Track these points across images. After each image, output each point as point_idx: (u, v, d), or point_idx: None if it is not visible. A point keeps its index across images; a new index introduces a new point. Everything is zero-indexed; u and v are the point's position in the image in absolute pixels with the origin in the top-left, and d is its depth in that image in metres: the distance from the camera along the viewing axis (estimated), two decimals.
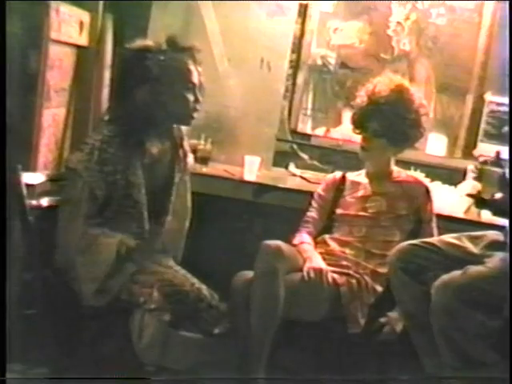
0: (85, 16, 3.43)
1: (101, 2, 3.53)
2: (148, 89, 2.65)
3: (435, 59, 4.26)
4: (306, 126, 4.30)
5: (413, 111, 3.14)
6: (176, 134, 2.87)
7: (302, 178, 3.83)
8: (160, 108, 2.70)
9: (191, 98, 2.74)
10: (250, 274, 2.87)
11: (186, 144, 2.94)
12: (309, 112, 4.33)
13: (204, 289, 2.72)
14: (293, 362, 3.16)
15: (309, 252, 3.05)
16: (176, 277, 2.66)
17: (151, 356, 2.55)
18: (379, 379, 2.87)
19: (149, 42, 2.75)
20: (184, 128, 2.92)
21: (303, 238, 3.16)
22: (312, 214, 3.25)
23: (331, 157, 4.05)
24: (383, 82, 3.19)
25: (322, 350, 3.02)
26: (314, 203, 3.27)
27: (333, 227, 3.23)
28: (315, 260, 2.98)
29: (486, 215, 3.26)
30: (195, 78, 2.75)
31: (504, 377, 2.41)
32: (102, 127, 2.73)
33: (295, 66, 4.10)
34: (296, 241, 3.14)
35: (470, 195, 2.76)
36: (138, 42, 2.74)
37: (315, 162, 4.07)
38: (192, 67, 2.75)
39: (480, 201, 2.71)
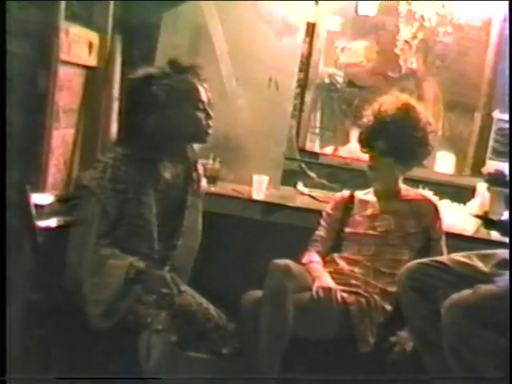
0: (94, 37, 3.46)
1: (110, 23, 3.55)
2: (158, 116, 2.67)
3: (443, 77, 4.28)
4: (314, 145, 4.33)
5: (420, 129, 3.14)
6: (190, 155, 2.87)
7: (310, 196, 3.84)
8: (172, 132, 2.71)
9: (202, 115, 2.74)
10: (258, 293, 2.86)
11: (200, 168, 2.95)
12: (317, 130, 4.35)
13: (212, 309, 2.71)
14: (302, 382, 3.15)
15: (318, 271, 3.04)
16: (183, 297, 2.65)
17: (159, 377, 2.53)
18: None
19: (151, 69, 2.77)
20: (197, 150, 2.92)
21: (312, 257, 3.15)
22: (321, 232, 3.24)
23: (339, 175, 4.05)
24: (389, 101, 3.19)
25: (331, 370, 2.99)
26: (322, 222, 3.27)
27: (341, 246, 3.22)
28: (324, 279, 2.97)
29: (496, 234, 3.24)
30: (203, 96, 2.76)
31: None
32: (116, 146, 2.76)
33: (303, 84, 4.13)
34: (305, 260, 3.14)
35: (477, 216, 2.74)
36: (141, 71, 2.75)
37: (323, 181, 4.07)
38: (198, 85, 2.76)
39: (488, 222, 2.69)
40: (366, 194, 3.30)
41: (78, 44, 3.27)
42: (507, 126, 4.03)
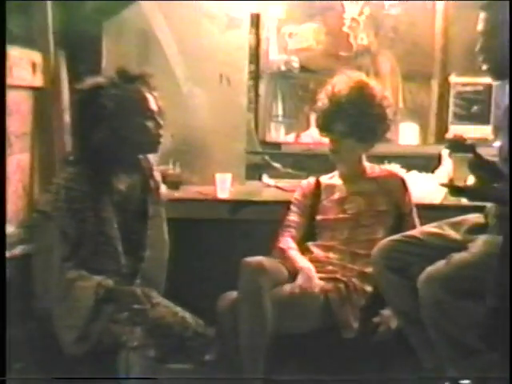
0: (36, 56, 3.37)
1: (51, 41, 3.48)
2: (106, 126, 2.60)
3: (397, 49, 4.29)
4: (278, 134, 4.30)
5: (376, 105, 3.11)
6: (144, 165, 2.82)
7: (277, 187, 3.79)
8: (122, 142, 2.65)
9: (152, 125, 2.69)
10: (234, 294, 2.81)
11: (157, 174, 2.89)
12: (280, 119, 4.32)
13: (188, 317, 2.65)
14: (291, 376, 3.12)
15: (298, 261, 2.99)
16: (157, 310, 2.60)
17: None
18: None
19: (99, 79, 2.70)
20: (152, 158, 2.87)
21: (288, 243, 3.10)
22: (293, 217, 3.19)
23: (304, 162, 4.01)
24: (342, 81, 3.15)
25: (319, 360, 2.97)
26: (293, 207, 3.22)
27: (315, 234, 3.18)
28: (307, 272, 2.92)
29: None
30: (152, 105, 2.71)
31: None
32: (68, 166, 2.69)
33: (255, 76, 4.09)
34: (282, 244, 3.09)
35: (443, 185, 2.71)
36: (88, 81, 2.69)
37: (289, 170, 4.03)
38: (147, 94, 2.70)
39: (453, 189, 2.66)
40: (332, 178, 3.26)
41: (19, 66, 3.19)
42: (465, 88, 4.02)
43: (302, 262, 2.99)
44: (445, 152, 3.39)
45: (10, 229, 2.87)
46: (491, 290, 2.48)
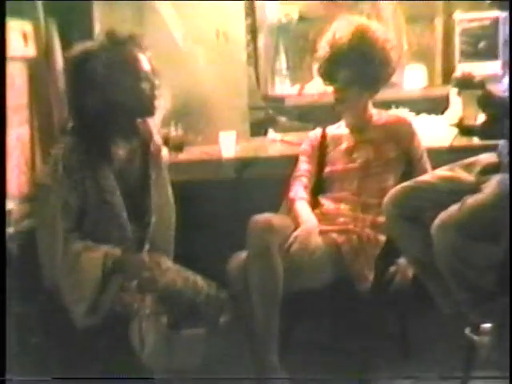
0: (27, 26, 3.31)
1: (40, 10, 3.39)
2: (99, 91, 2.53)
3: None
4: (280, 87, 4.20)
5: (379, 49, 3.01)
6: (143, 129, 2.74)
7: (283, 142, 3.70)
8: (117, 107, 2.57)
9: (146, 86, 2.60)
10: (244, 254, 2.75)
11: (157, 138, 2.82)
12: (283, 72, 4.23)
13: (200, 280, 2.63)
14: (309, 333, 3.09)
15: (302, 215, 2.92)
16: (167, 276, 2.56)
17: (158, 362, 2.45)
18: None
19: (88, 44, 2.62)
20: (152, 121, 2.79)
21: (299, 193, 3.04)
22: (304, 167, 3.12)
23: (310, 114, 3.91)
24: (342, 27, 3.05)
25: (336, 315, 2.93)
26: (302, 158, 3.15)
27: (324, 187, 3.11)
28: (307, 224, 2.86)
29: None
30: (145, 65, 2.62)
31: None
32: (64, 136, 2.63)
33: (253, 30, 3.98)
34: (293, 194, 3.03)
35: (453, 125, 2.62)
36: (77, 47, 2.61)
37: (294, 123, 3.95)
38: (139, 55, 2.61)
39: (464, 129, 2.57)
40: (338, 128, 3.18)
41: (11, 37, 3.12)
42: (471, 25, 3.87)
43: (305, 216, 2.93)
44: (453, 91, 3.29)
45: (12, 204, 2.83)
46: (506, 230, 2.40)
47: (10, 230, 2.75)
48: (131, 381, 2.40)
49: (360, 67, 2.98)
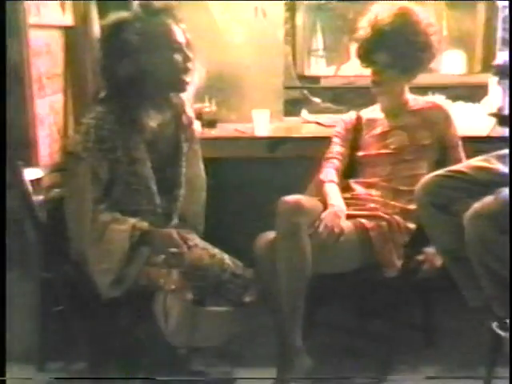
0: None
1: None
2: (131, 61, 2.50)
3: None
4: (316, 67, 4.15)
5: (421, 33, 2.95)
6: (176, 101, 2.71)
7: (316, 123, 3.66)
8: (148, 78, 2.54)
9: (179, 58, 2.56)
10: (272, 234, 2.72)
11: (190, 110, 2.78)
12: (320, 53, 4.17)
13: (226, 258, 2.61)
14: (334, 316, 3.07)
15: (331, 197, 2.90)
16: (193, 252, 2.55)
17: (181, 338, 2.45)
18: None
19: (123, 14, 2.59)
20: (186, 95, 2.76)
21: (329, 175, 3.01)
22: (336, 149, 3.09)
23: (345, 96, 3.88)
24: (385, 8, 3.00)
25: (362, 300, 2.91)
26: (335, 140, 3.12)
27: (356, 171, 3.08)
28: (334, 208, 2.83)
29: None
30: (179, 37, 2.57)
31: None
32: (96, 105, 2.60)
33: (291, 7, 3.92)
34: (323, 176, 3.01)
35: (491, 115, 2.56)
36: (112, 16, 2.58)
37: (329, 104, 3.90)
38: (173, 26, 2.57)
39: (502, 118, 2.51)
40: (373, 112, 3.13)
41: (48, 5, 3.12)
42: None
43: (333, 199, 2.90)
44: (493, 80, 3.24)
45: (40, 173, 2.84)
46: None
47: (39, 197, 2.75)
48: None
49: (400, 50, 2.93)
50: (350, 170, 3.09)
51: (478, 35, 4.01)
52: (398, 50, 2.93)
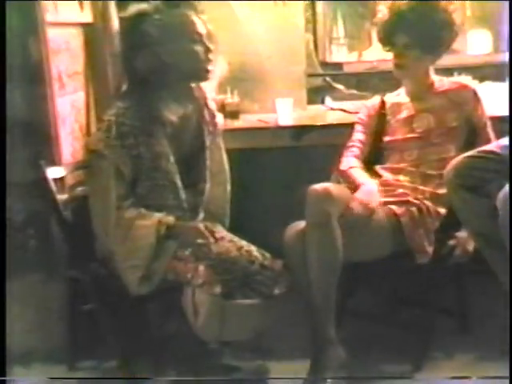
0: None
1: None
2: (152, 53, 2.47)
3: None
4: (338, 54, 4.11)
5: (441, 10, 2.89)
6: (197, 94, 2.68)
7: (341, 110, 3.61)
8: (169, 69, 2.51)
9: (201, 49, 2.53)
10: (301, 224, 2.67)
11: (212, 103, 2.76)
12: (341, 40, 4.13)
13: (254, 250, 2.57)
14: (366, 305, 3.02)
15: (359, 177, 2.87)
16: (220, 245, 2.52)
17: (211, 332, 2.42)
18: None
19: (143, 5, 2.56)
20: (208, 87, 2.73)
21: (350, 163, 2.97)
22: (357, 137, 3.05)
23: (368, 81, 3.84)
24: None
25: (394, 287, 2.85)
26: (357, 127, 3.07)
27: (383, 157, 3.02)
28: (366, 187, 2.79)
29: None
30: (200, 28, 2.54)
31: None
32: (117, 101, 2.58)
33: None
34: (343, 166, 2.97)
35: None
36: (132, 8, 2.55)
37: (352, 91, 3.86)
38: (193, 18, 2.54)
39: None
40: (398, 96, 3.07)
41: (66, 3, 3.10)
42: None
43: (361, 178, 2.88)
44: None
45: (63, 172, 2.82)
46: None
47: (63, 196, 2.74)
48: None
49: (420, 29, 2.87)
50: (376, 156, 3.03)
51: (505, 13, 3.92)
52: (417, 29, 2.87)
